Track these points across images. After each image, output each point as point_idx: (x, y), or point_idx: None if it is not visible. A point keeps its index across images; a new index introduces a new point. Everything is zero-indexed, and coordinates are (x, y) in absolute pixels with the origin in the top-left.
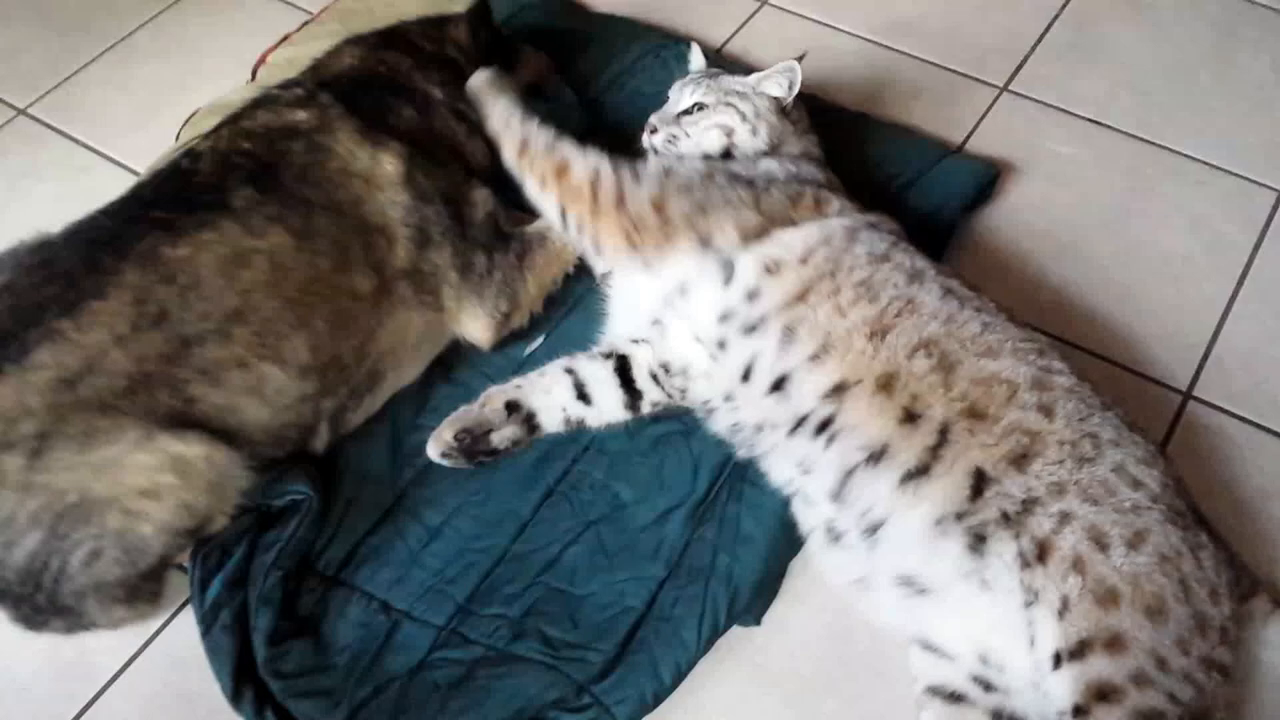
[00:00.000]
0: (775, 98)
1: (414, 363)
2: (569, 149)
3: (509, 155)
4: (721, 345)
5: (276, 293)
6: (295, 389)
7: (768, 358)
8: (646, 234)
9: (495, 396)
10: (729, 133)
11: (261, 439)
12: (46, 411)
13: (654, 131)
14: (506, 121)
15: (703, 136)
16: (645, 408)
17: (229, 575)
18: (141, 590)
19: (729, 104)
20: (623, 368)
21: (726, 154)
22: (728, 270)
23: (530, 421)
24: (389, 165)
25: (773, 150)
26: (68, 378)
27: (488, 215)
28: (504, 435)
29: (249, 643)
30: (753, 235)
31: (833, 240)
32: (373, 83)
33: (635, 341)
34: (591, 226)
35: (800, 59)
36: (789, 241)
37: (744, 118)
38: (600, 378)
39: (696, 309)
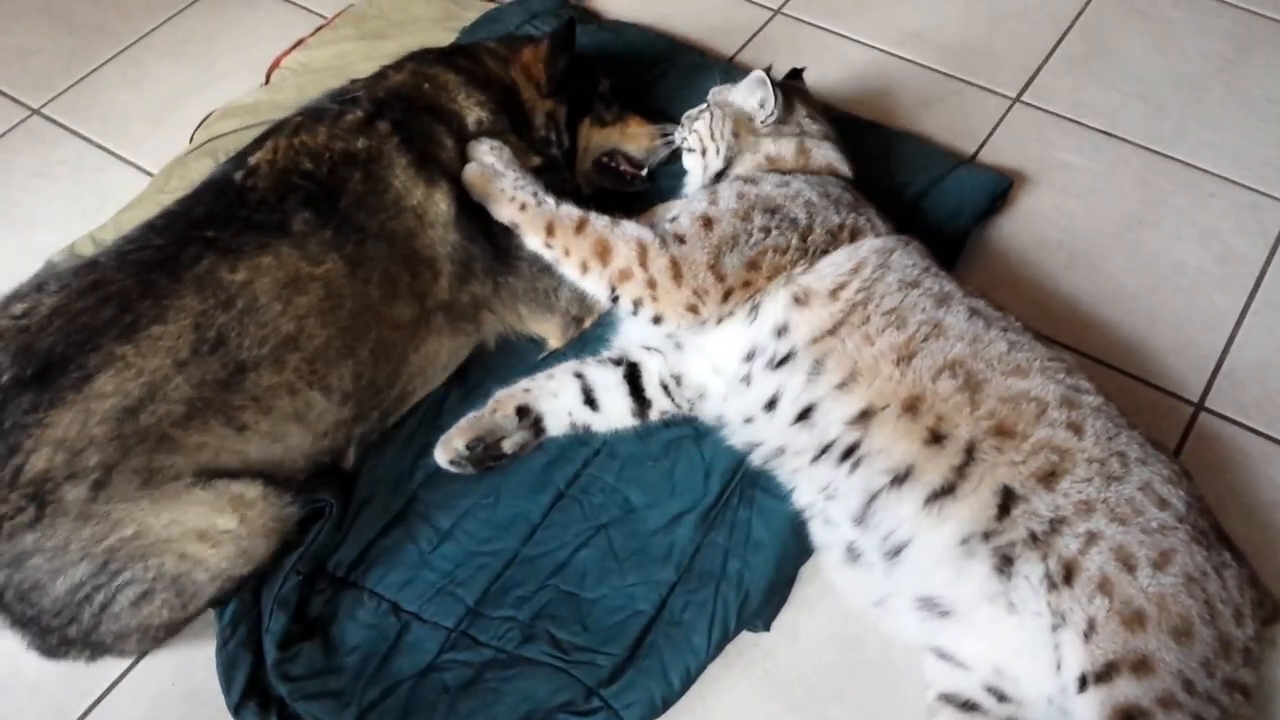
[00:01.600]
0: (746, 111)
1: (439, 379)
2: (601, 224)
3: (534, 241)
4: (746, 380)
5: (330, 320)
6: (335, 414)
7: (794, 390)
8: (710, 302)
9: (505, 402)
10: (703, 151)
11: (301, 465)
12: (110, 442)
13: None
14: (520, 204)
15: (689, 160)
16: (654, 416)
17: (250, 588)
18: (181, 629)
19: (703, 116)
20: (633, 375)
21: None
22: (754, 310)
23: (537, 425)
24: (442, 204)
25: (775, 164)
26: (131, 405)
27: None
28: (514, 441)
29: (259, 648)
30: (792, 273)
31: (863, 269)
32: (419, 104)
33: (648, 349)
34: (653, 307)
35: (768, 70)
36: (820, 269)
37: (710, 135)
38: (609, 384)
39: (720, 344)
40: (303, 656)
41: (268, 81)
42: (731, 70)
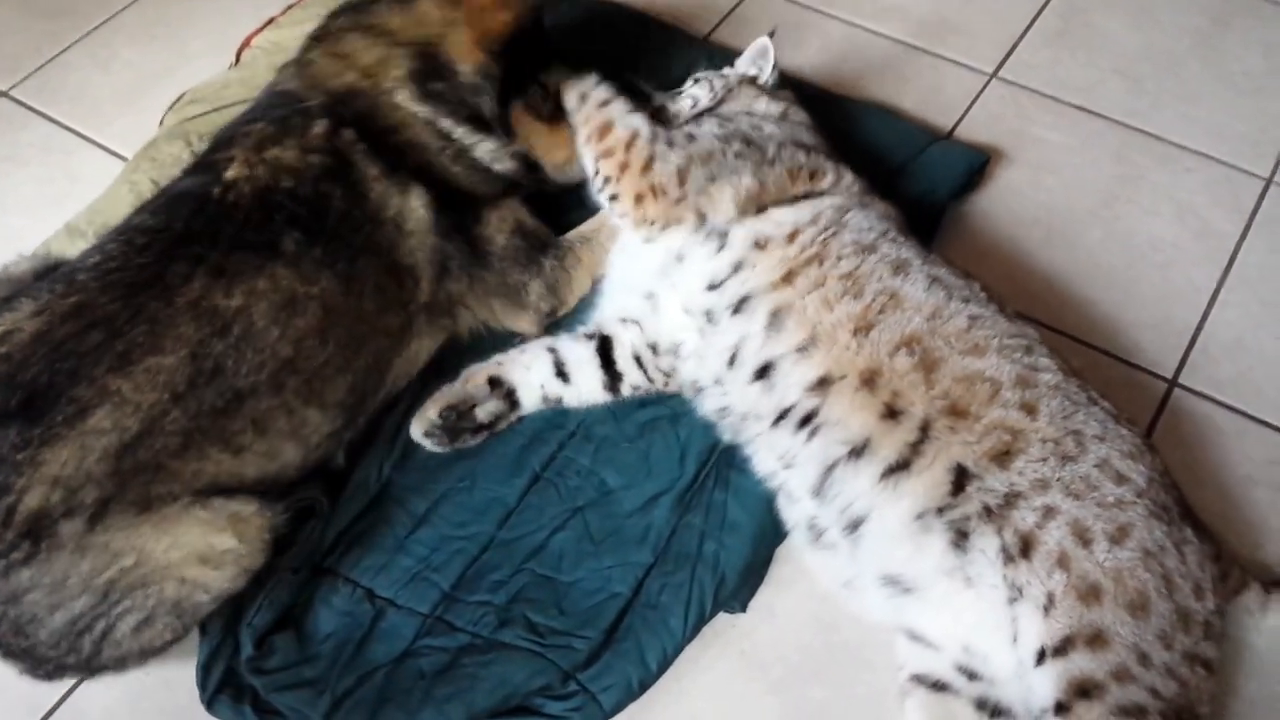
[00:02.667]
0: (751, 78)
1: (413, 373)
2: (618, 108)
3: (569, 101)
4: (710, 318)
5: (327, 338)
6: (328, 426)
7: (754, 342)
8: (662, 202)
9: (478, 373)
10: (695, 103)
11: (293, 476)
12: (108, 478)
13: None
14: (581, 92)
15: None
16: (625, 390)
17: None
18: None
19: (705, 80)
20: (604, 348)
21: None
22: (721, 240)
23: (511, 397)
24: (419, 209)
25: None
26: (129, 442)
27: (511, 235)
28: (487, 409)
29: (237, 641)
30: (750, 208)
31: (820, 219)
32: (364, 106)
33: (623, 322)
34: (614, 185)
35: (771, 34)
36: (780, 219)
37: (710, 88)
38: (581, 358)
39: (688, 276)
40: (276, 648)
41: (238, 61)
42: (708, 48)
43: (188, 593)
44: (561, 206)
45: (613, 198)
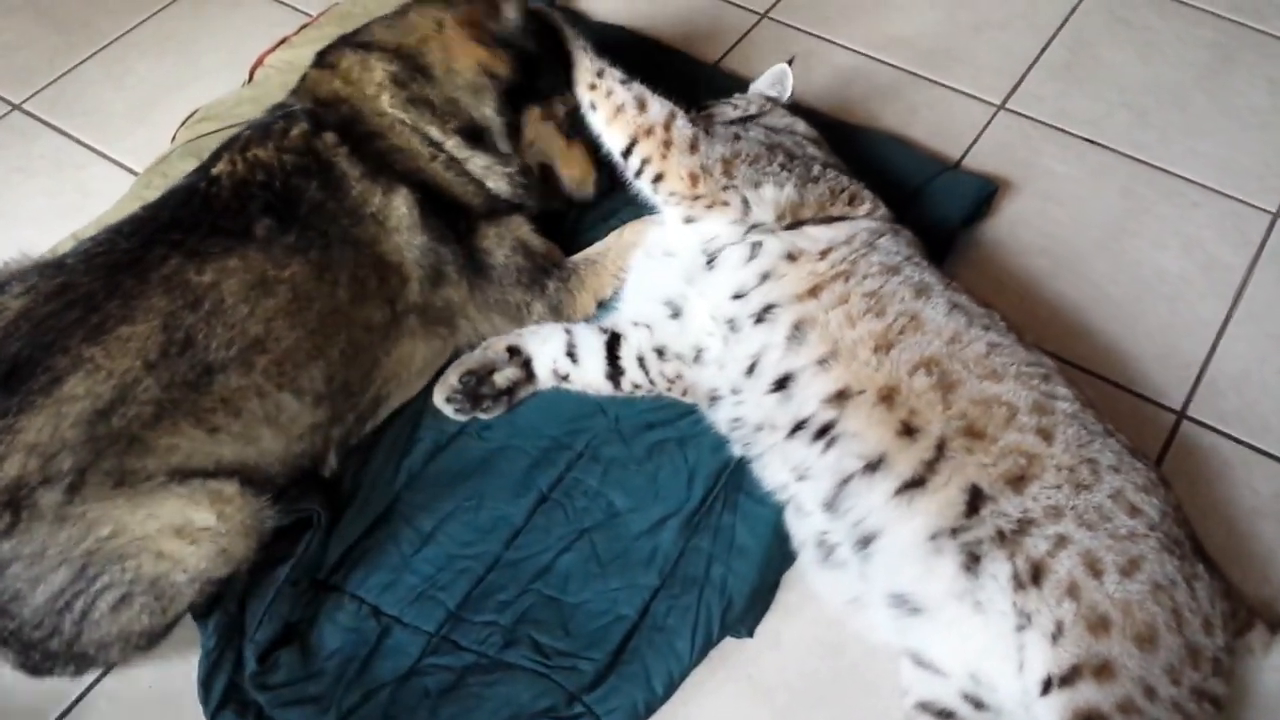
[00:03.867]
0: (772, 99)
1: (416, 384)
2: (645, 89)
3: (581, 80)
4: (732, 326)
5: (297, 322)
6: (309, 417)
7: (775, 353)
8: (709, 183)
9: (497, 343)
10: (736, 108)
11: (277, 470)
12: (84, 445)
13: None
14: (584, 47)
15: None
16: (625, 385)
17: (237, 596)
18: (163, 637)
19: (728, 103)
20: (612, 343)
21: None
22: (754, 249)
23: (528, 366)
24: (402, 208)
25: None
26: (102, 408)
27: (512, 252)
28: (505, 375)
29: (240, 656)
30: (787, 218)
31: (854, 241)
32: (349, 112)
33: (635, 325)
34: (659, 164)
35: (790, 62)
36: (816, 235)
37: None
38: (591, 345)
39: (717, 282)
40: (281, 663)
41: (251, 80)
42: (717, 74)
43: (165, 569)
44: (576, 227)
45: (657, 178)
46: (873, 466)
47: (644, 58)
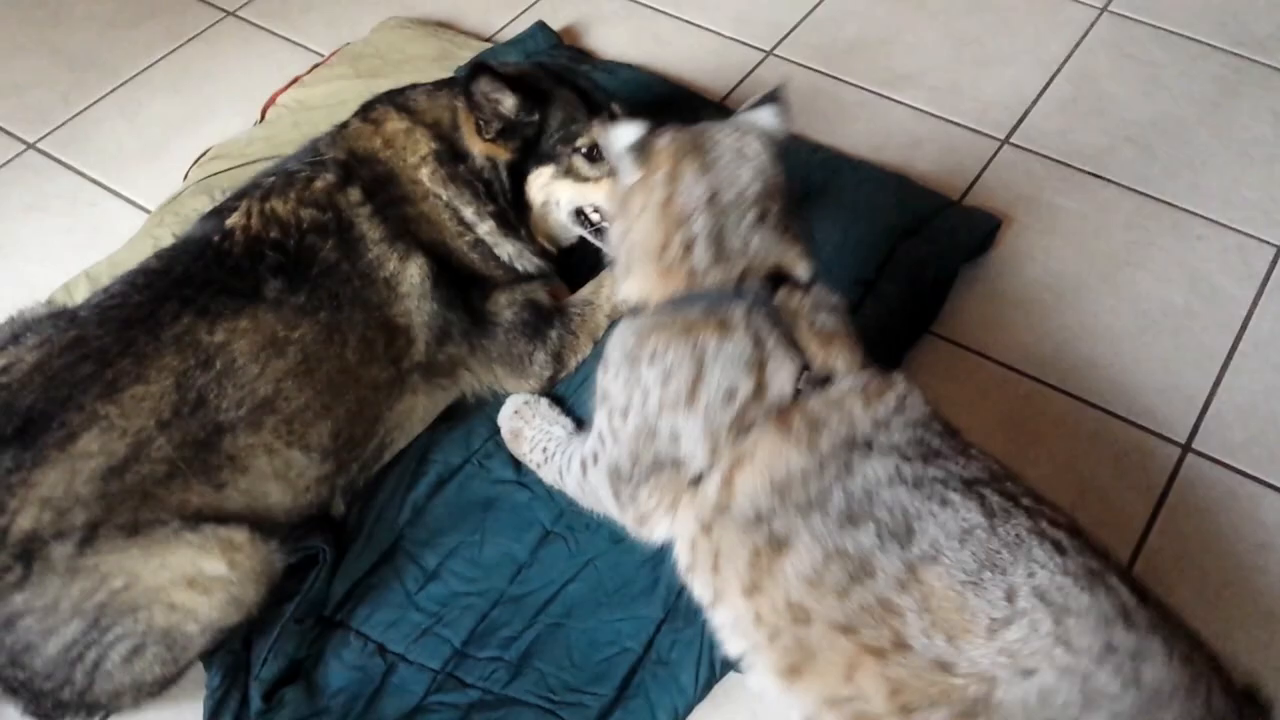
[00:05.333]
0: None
1: (418, 430)
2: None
3: (547, 478)
4: None
5: (306, 382)
6: (315, 471)
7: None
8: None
9: None
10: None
11: (283, 520)
12: (97, 501)
13: None
14: (535, 462)
15: None
16: None
17: (242, 634)
18: (174, 683)
19: None
20: None
21: None
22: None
23: None
24: (415, 275)
25: None
26: (116, 465)
27: (520, 310)
28: None
29: (246, 694)
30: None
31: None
32: (383, 171)
33: None
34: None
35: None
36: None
37: None
38: None
39: None
40: (287, 701)
41: (263, 119)
42: (723, 112)
43: (177, 620)
44: None
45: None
46: None
47: (651, 96)
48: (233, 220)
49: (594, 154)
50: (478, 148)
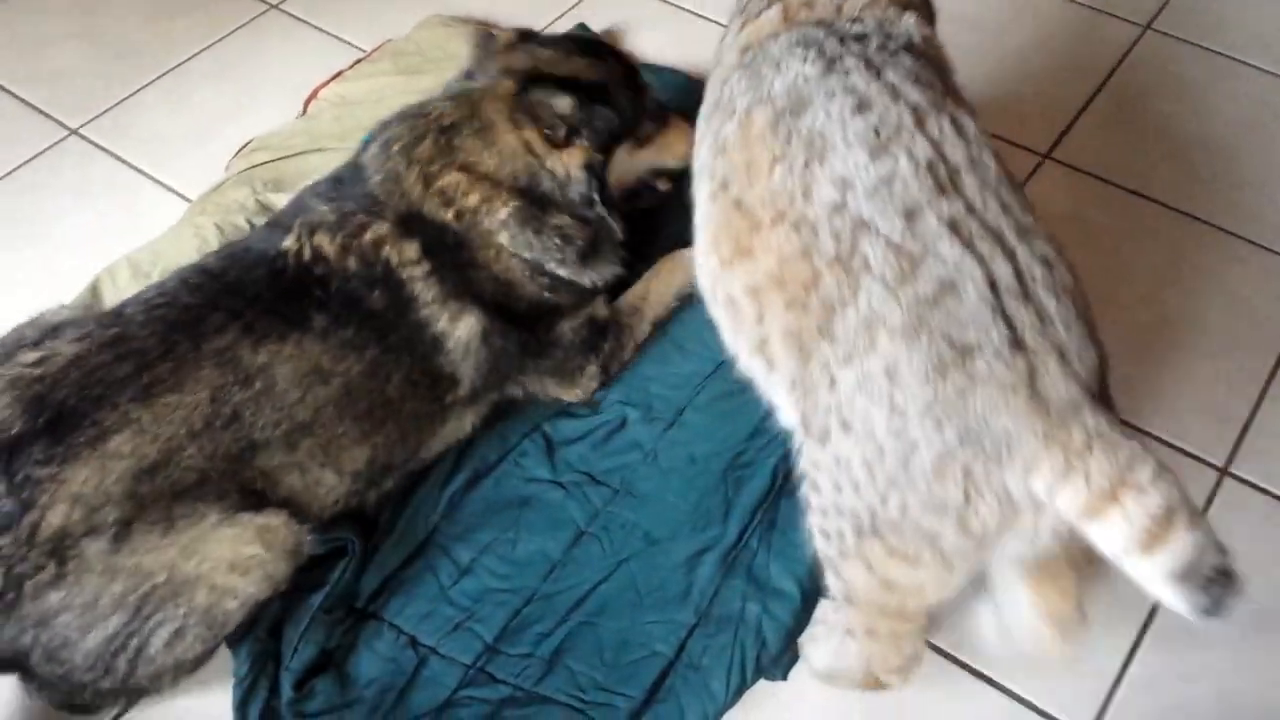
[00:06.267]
0: None
1: (459, 440)
2: None
3: None
4: None
5: (345, 412)
6: (346, 487)
7: None
8: None
9: None
10: None
11: (315, 517)
12: (127, 499)
13: None
14: None
15: None
16: None
17: (269, 623)
18: (208, 660)
19: None
20: None
21: None
22: None
23: None
24: (464, 334)
25: None
26: (146, 469)
27: (579, 328)
28: None
29: (275, 683)
30: None
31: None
32: (450, 237)
33: None
34: None
35: None
36: None
37: None
38: None
39: None
40: (318, 691)
41: (305, 112)
42: None
43: (217, 599)
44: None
45: None
46: None
47: (692, 101)
48: (287, 243)
49: (656, 114)
50: (560, 162)
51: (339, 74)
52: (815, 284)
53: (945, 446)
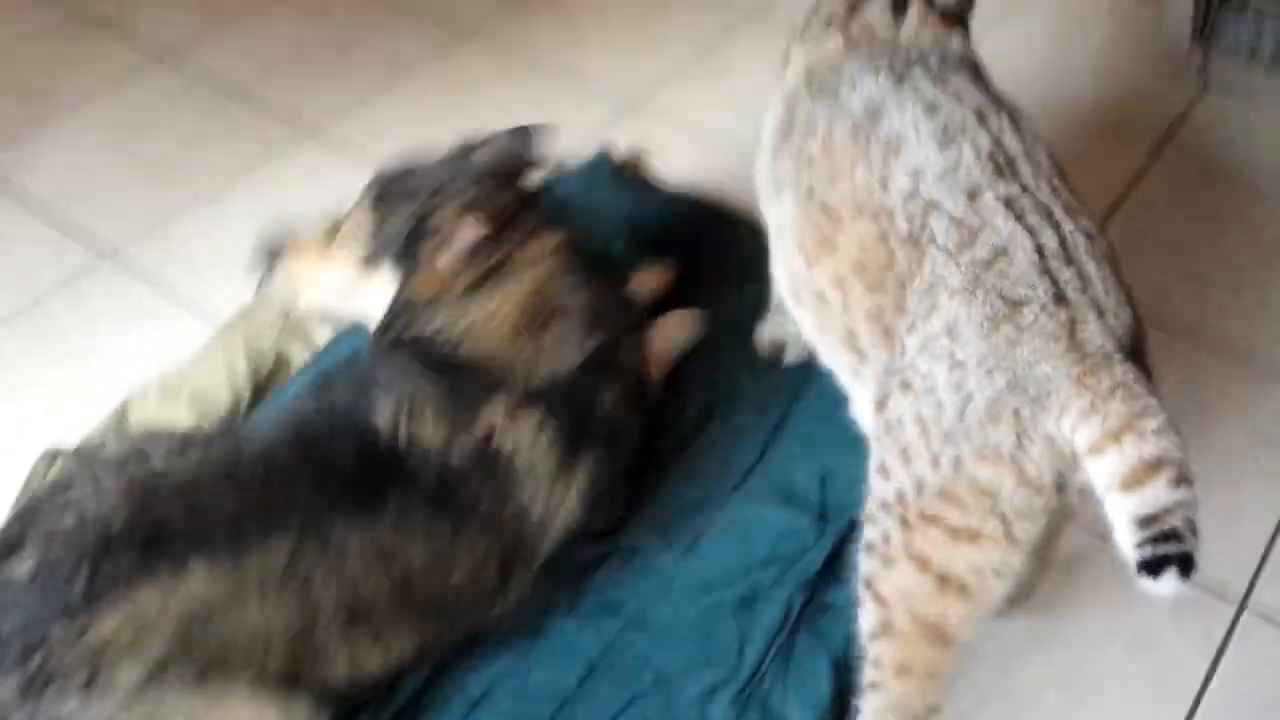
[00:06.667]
0: None
1: None
2: None
3: None
4: None
5: (403, 599)
6: (392, 663)
7: None
8: None
9: None
10: None
11: (344, 690)
12: (175, 637)
13: None
14: None
15: None
16: None
17: None
18: None
19: None
20: None
21: None
22: None
23: None
24: (572, 499)
25: None
26: (205, 615)
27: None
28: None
29: None
30: None
31: None
32: (581, 409)
33: None
34: None
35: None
36: None
37: None
38: None
39: None
40: None
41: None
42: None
43: None
44: None
45: None
46: None
47: (710, 232)
48: (381, 419)
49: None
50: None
51: None
52: (891, 264)
53: (996, 392)
